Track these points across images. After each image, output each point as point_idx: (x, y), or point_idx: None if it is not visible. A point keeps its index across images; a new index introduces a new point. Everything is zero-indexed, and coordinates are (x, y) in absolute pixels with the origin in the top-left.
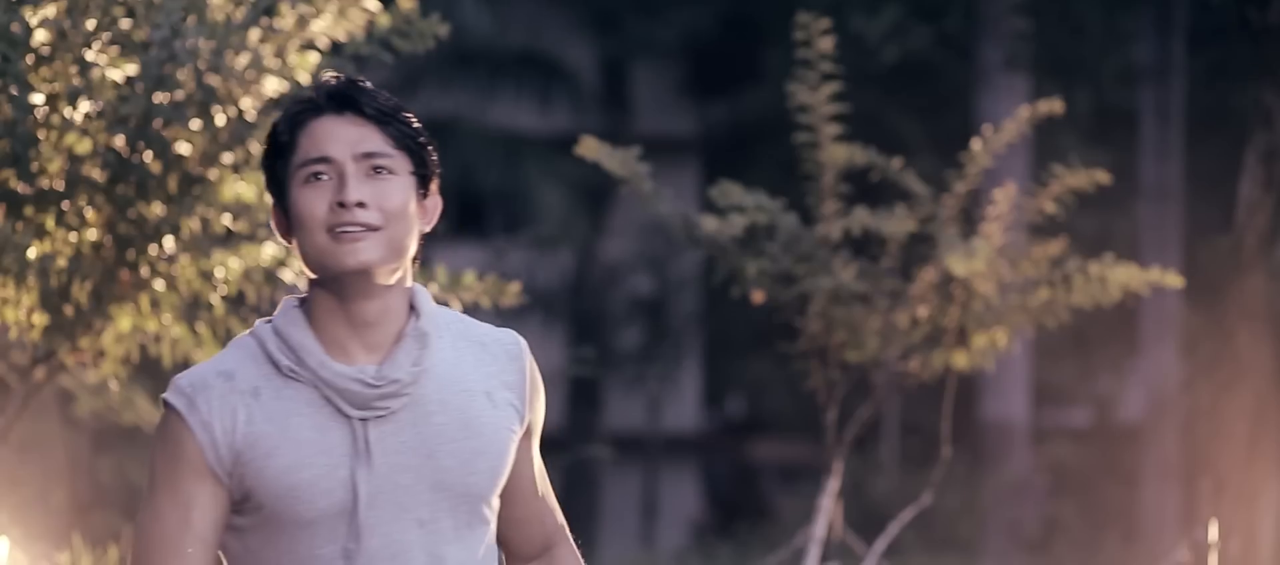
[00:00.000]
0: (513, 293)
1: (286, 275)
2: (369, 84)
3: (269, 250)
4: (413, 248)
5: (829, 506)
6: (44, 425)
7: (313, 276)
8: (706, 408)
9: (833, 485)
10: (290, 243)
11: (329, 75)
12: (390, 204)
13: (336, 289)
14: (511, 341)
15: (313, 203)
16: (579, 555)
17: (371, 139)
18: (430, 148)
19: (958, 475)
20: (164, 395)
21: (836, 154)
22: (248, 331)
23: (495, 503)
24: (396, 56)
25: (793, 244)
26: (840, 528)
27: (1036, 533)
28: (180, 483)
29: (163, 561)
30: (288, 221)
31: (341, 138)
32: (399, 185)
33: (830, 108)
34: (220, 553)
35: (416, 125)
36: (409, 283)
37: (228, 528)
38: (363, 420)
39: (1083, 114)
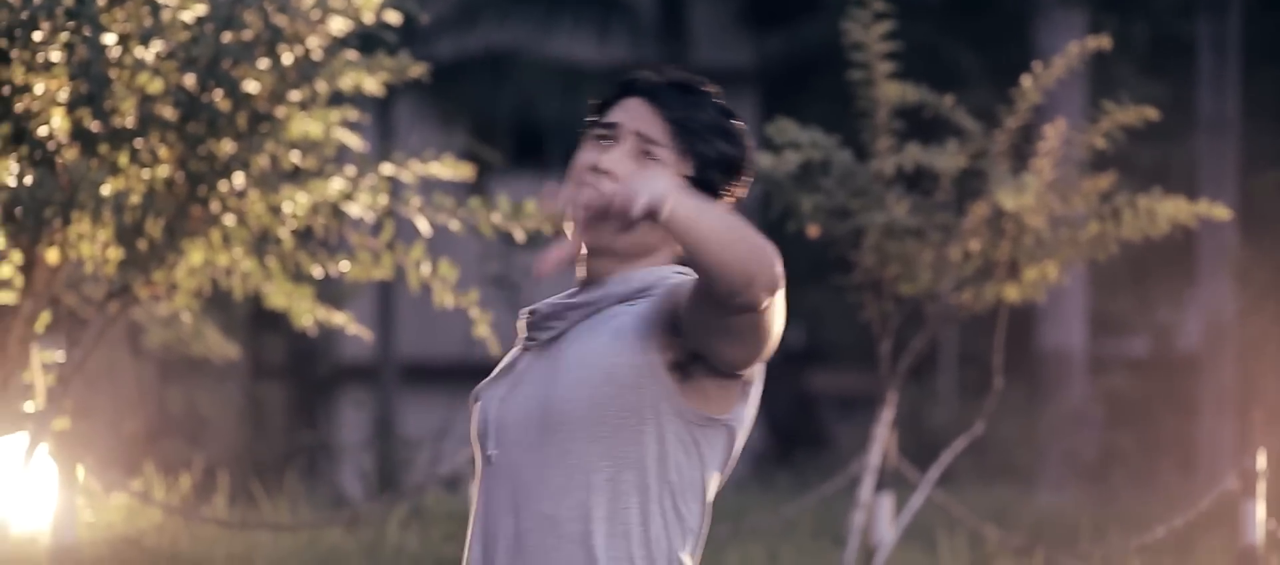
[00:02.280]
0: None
1: (353, 210)
2: (707, 91)
3: (336, 185)
4: (647, 236)
5: (883, 436)
6: (115, 356)
7: None
8: None
9: (887, 415)
10: None
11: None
12: (631, 183)
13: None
14: (662, 278)
15: (582, 157)
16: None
17: (655, 126)
18: (733, 172)
19: (1015, 404)
20: None
21: (890, 91)
22: None
23: (617, 442)
24: None
25: (847, 179)
26: (895, 456)
27: (1093, 462)
28: None
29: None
30: None
31: (634, 117)
32: (660, 176)
33: (884, 45)
34: None
35: (721, 143)
36: (658, 265)
37: None
38: (526, 349)
39: (1139, 45)
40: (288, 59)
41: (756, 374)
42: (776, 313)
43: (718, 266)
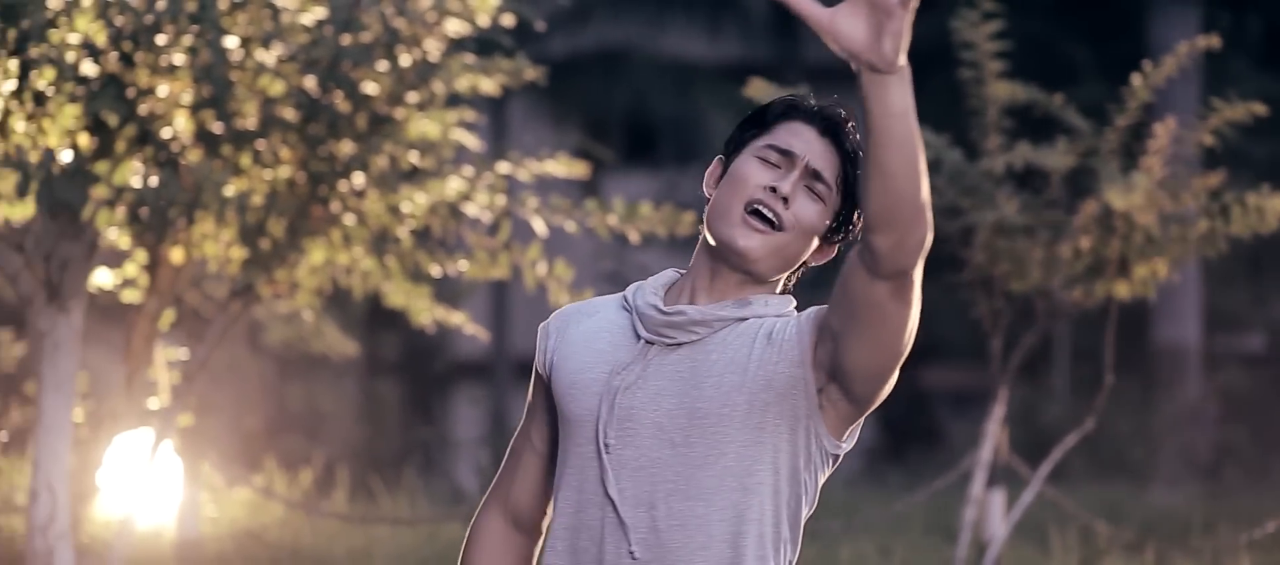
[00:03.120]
0: (687, 222)
1: (470, 209)
2: (851, 120)
3: (454, 185)
4: (796, 266)
5: (994, 432)
6: (235, 353)
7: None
8: None
9: (998, 411)
10: (709, 193)
11: (835, 99)
12: (805, 219)
13: (716, 253)
14: (802, 314)
15: (754, 174)
16: None
17: (829, 163)
18: (858, 208)
19: (1129, 401)
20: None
21: (1000, 90)
22: None
23: (762, 447)
24: None
25: (957, 178)
26: (1006, 452)
27: (1207, 458)
28: (530, 395)
29: (507, 463)
30: (720, 176)
31: (810, 147)
32: (819, 212)
33: (993, 44)
34: None
35: (858, 199)
36: (778, 290)
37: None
38: (650, 343)
39: (1254, 39)
40: (406, 61)
41: (869, 410)
42: (915, 304)
43: (894, 178)
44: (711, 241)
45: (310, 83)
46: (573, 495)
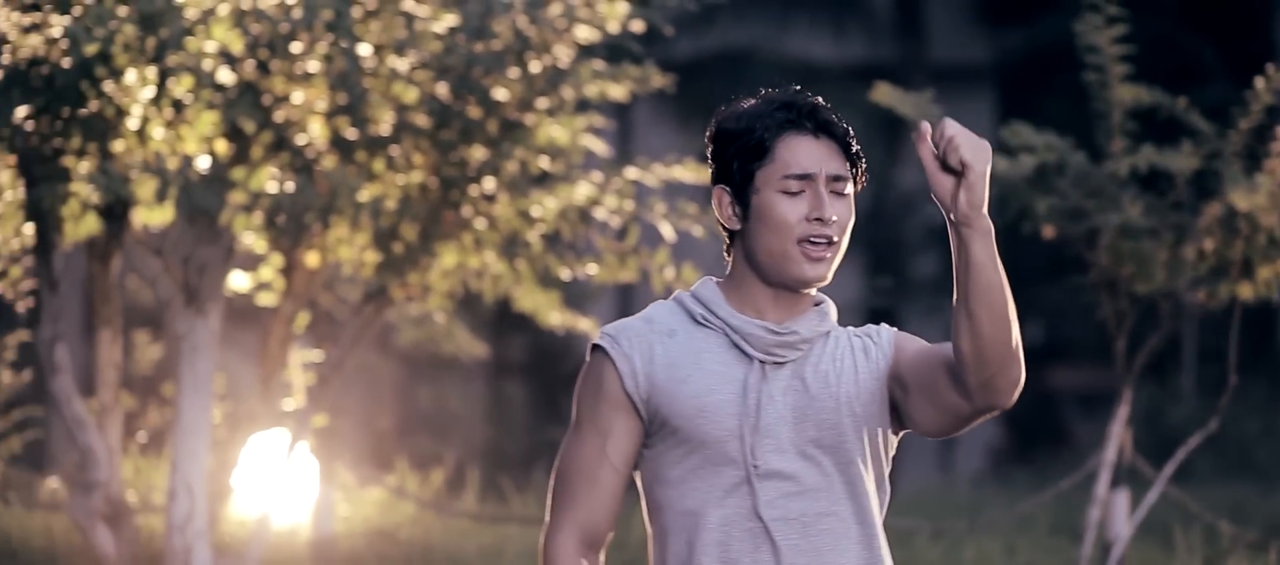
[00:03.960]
0: None
1: (599, 213)
2: (822, 103)
3: (584, 190)
4: None
5: (1119, 432)
6: (366, 355)
7: (732, 259)
8: None
9: (1122, 412)
10: (732, 227)
11: (794, 91)
12: (845, 220)
13: (772, 283)
14: (878, 330)
15: (790, 211)
16: None
17: (838, 162)
18: (864, 167)
19: (1256, 401)
20: (593, 341)
21: (1124, 93)
22: (670, 297)
23: (881, 440)
24: None
25: (1082, 180)
26: (1130, 452)
27: None
28: (600, 416)
29: (579, 485)
30: (741, 214)
31: (820, 159)
32: (850, 206)
33: (1118, 48)
34: (637, 475)
35: (860, 147)
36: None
37: (642, 456)
38: (762, 363)
39: None
40: (536, 68)
41: None
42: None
43: (980, 323)
44: (773, 281)
45: (443, 90)
46: (716, 515)
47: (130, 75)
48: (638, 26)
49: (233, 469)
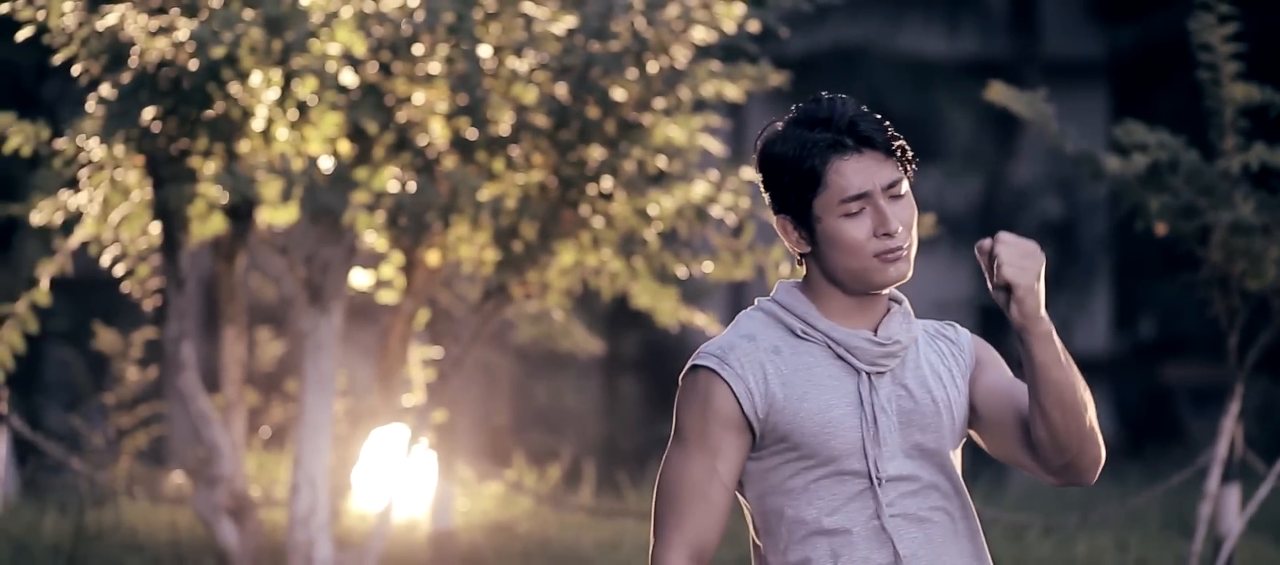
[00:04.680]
0: (928, 226)
1: (715, 211)
2: (860, 110)
3: (700, 189)
4: None
5: (1230, 427)
6: (483, 352)
7: (806, 272)
8: (1117, 329)
9: (1234, 407)
10: (802, 251)
11: (829, 102)
12: (909, 218)
13: (851, 293)
14: (953, 330)
15: (856, 232)
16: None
17: (888, 169)
18: (912, 155)
19: None
20: (694, 360)
21: (1236, 92)
22: (753, 307)
23: (957, 457)
24: None
25: (1195, 178)
26: (1242, 448)
27: None
28: (710, 434)
29: (690, 503)
30: (809, 239)
31: (870, 174)
32: (910, 201)
33: (1229, 47)
34: (744, 488)
35: (899, 140)
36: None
37: (748, 471)
38: (868, 374)
39: None
40: (654, 68)
41: None
42: None
43: (1051, 415)
44: (856, 291)
45: (561, 90)
46: (839, 521)
47: (255, 77)
48: (754, 26)
49: (354, 464)
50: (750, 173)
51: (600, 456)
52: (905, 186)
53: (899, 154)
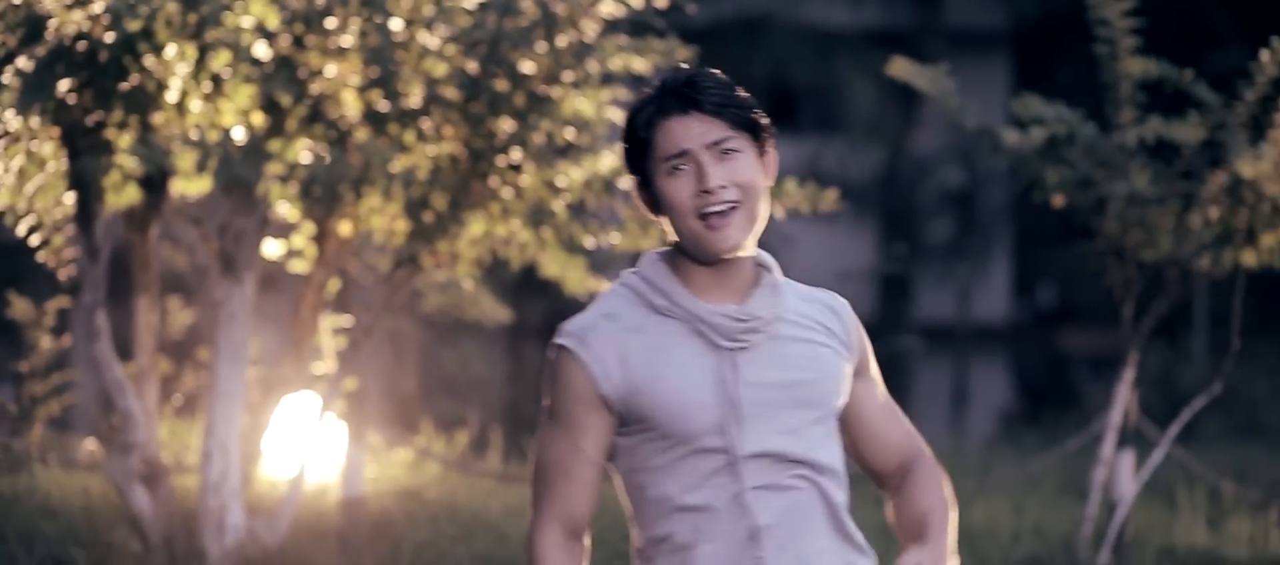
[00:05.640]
0: (830, 199)
1: (623, 182)
2: (704, 75)
3: (608, 161)
4: (766, 211)
5: (1125, 395)
6: (390, 320)
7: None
8: (1016, 298)
9: (1128, 375)
10: (658, 218)
11: (674, 72)
12: (742, 178)
13: (701, 260)
14: (836, 301)
15: (678, 191)
16: (938, 474)
17: (715, 128)
18: (762, 117)
19: (1269, 364)
20: (556, 338)
21: (1133, 66)
22: (619, 281)
23: (838, 402)
24: None
25: (1092, 150)
26: (1136, 414)
27: None
28: (572, 413)
29: (558, 480)
30: (654, 203)
31: (691, 132)
32: (746, 161)
33: (1127, 22)
34: (615, 462)
35: (748, 102)
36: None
37: (618, 446)
38: (730, 349)
39: None
40: (562, 42)
41: None
42: None
43: None
44: (698, 259)
45: (472, 64)
46: (699, 498)
47: (170, 50)
48: (661, 2)
49: (265, 431)
50: None
51: (506, 423)
52: (742, 147)
53: (733, 116)
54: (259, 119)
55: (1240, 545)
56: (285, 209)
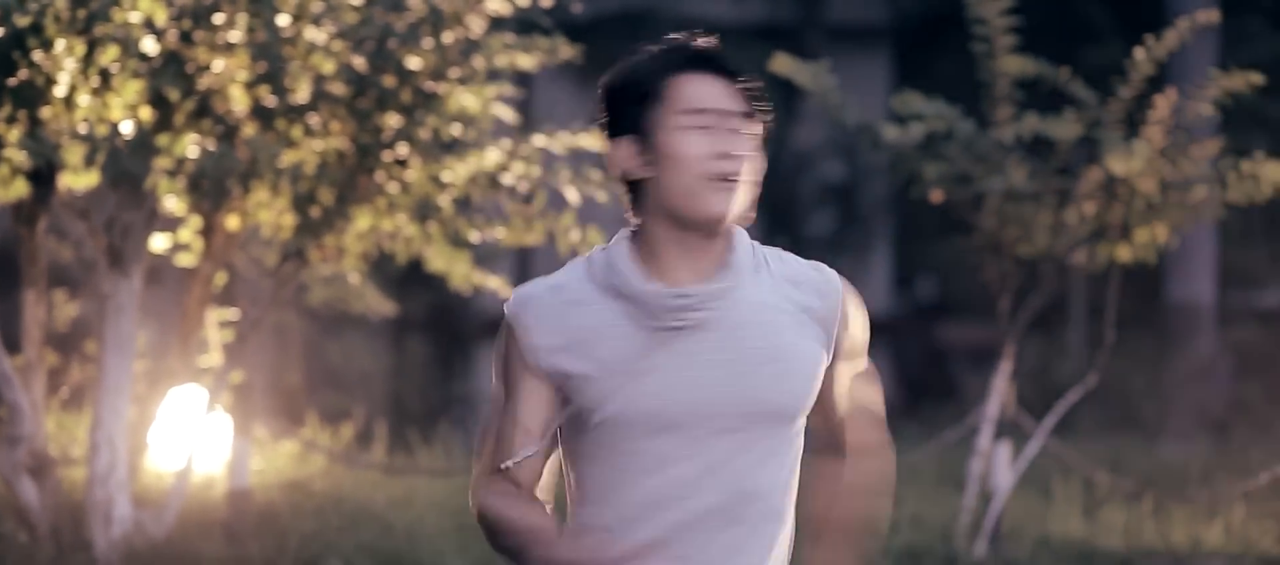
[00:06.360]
0: None
1: (507, 179)
2: (722, 48)
3: (493, 156)
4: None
5: (1001, 387)
6: (278, 313)
7: (638, 215)
8: (897, 291)
9: (1005, 368)
10: (641, 174)
11: (689, 35)
12: (752, 161)
13: (684, 226)
14: (826, 279)
15: (696, 146)
16: (883, 460)
17: (740, 100)
18: (769, 107)
19: (1142, 357)
20: (505, 304)
21: (1010, 64)
22: (587, 253)
23: (802, 422)
24: None
25: (970, 146)
26: (1012, 407)
27: (1220, 413)
28: (511, 380)
29: (494, 448)
30: (645, 159)
31: (720, 94)
32: (755, 143)
33: (1004, 21)
34: (560, 444)
35: (764, 93)
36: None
37: (562, 425)
38: (664, 331)
39: None
40: (449, 39)
41: None
42: None
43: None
44: (680, 220)
45: (359, 60)
46: (614, 478)
47: (60, 45)
48: (547, 0)
49: (152, 424)
50: (542, 140)
51: (391, 415)
52: (753, 126)
53: (753, 98)
54: (147, 114)
55: (1114, 535)
56: (173, 203)
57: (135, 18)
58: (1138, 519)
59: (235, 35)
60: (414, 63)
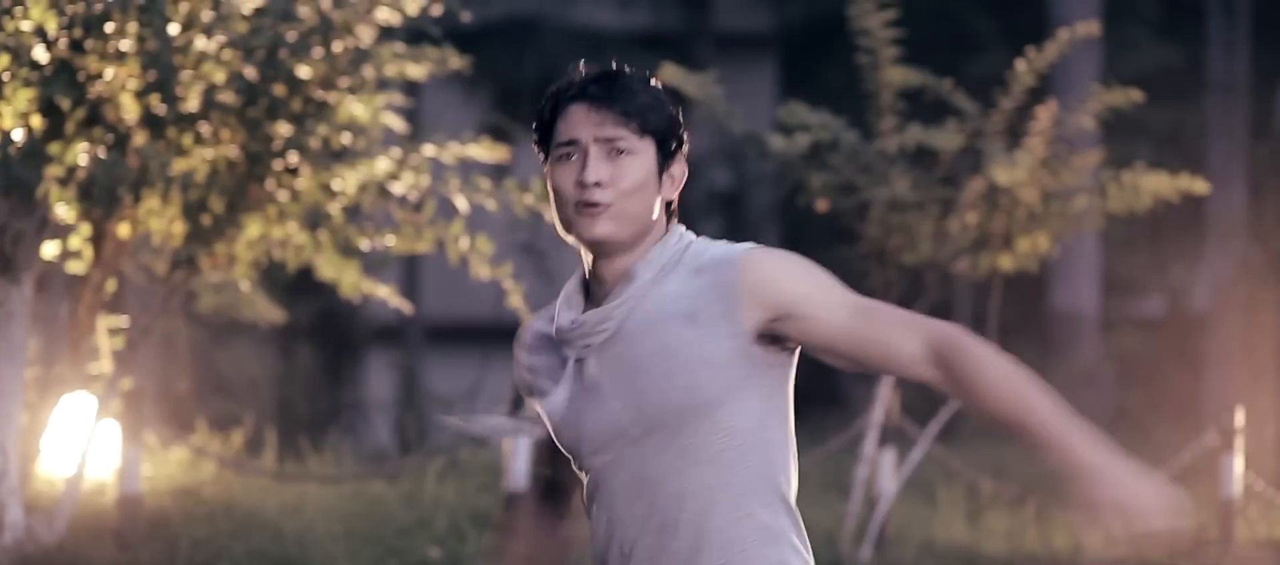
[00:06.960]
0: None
1: (397, 188)
2: (628, 75)
3: (383, 165)
4: (653, 215)
5: (886, 395)
6: (166, 320)
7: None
8: None
9: (889, 375)
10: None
11: (588, 67)
12: (625, 182)
13: (589, 250)
14: (725, 258)
15: (562, 178)
16: (980, 348)
17: (611, 125)
18: (678, 128)
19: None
20: None
21: (894, 75)
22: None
23: (721, 416)
24: None
25: (854, 156)
26: (897, 414)
27: (1102, 420)
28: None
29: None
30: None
31: (586, 123)
32: (635, 165)
33: (888, 33)
34: None
35: (662, 109)
36: (662, 237)
37: None
38: (577, 360)
39: (1151, 8)
40: (339, 48)
41: None
42: None
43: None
44: (586, 246)
45: (249, 69)
46: (598, 511)
47: None
48: (436, 10)
49: (43, 431)
50: (432, 150)
51: (281, 422)
52: (634, 147)
53: (632, 118)
54: (38, 122)
55: (998, 540)
56: (64, 211)
57: (26, 26)
58: (1021, 524)
59: (126, 44)
60: (304, 72)
